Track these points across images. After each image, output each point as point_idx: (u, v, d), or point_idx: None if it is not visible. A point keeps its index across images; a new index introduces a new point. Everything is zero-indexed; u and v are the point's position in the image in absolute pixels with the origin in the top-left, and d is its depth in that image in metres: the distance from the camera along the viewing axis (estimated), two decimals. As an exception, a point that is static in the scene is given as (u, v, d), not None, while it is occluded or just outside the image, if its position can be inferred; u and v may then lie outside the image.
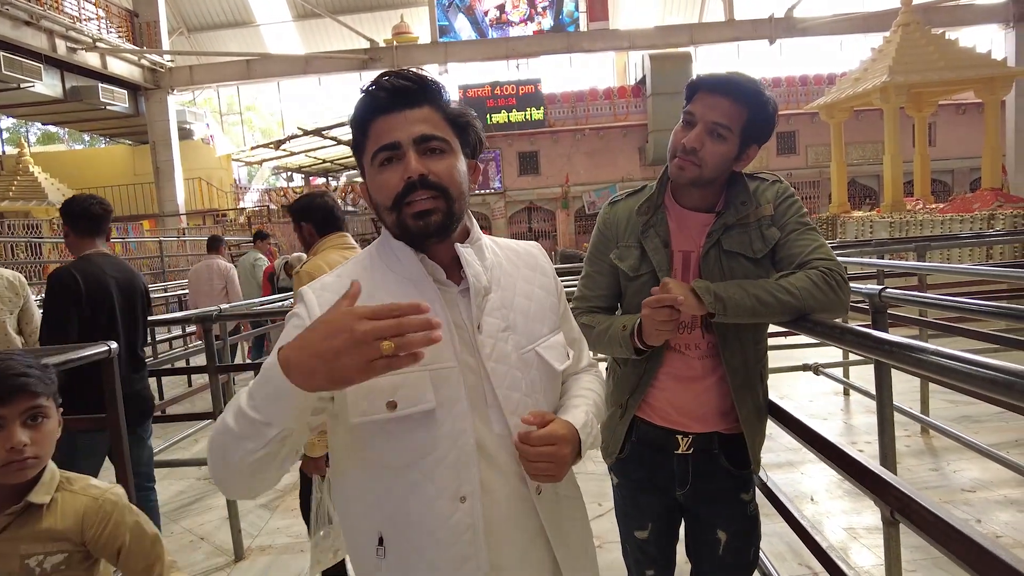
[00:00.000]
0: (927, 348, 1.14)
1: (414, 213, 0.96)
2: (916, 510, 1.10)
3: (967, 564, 0.96)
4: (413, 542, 0.96)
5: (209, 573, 3.03)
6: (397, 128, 0.96)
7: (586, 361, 1.21)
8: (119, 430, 1.97)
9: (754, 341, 1.46)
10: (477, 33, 17.60)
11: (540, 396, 1.03)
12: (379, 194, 0.99)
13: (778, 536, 2.93)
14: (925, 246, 4.31)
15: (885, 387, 1.75)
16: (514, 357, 1.01)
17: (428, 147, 0.97)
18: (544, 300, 1.10)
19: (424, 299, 0.89)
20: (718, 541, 1.51)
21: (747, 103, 1.35)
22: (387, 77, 0.98)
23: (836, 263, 1.33)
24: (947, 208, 9.85)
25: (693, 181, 1.40)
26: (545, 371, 1.05)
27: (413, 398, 0.93)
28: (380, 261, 1.04)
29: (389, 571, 0.98)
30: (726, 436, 1.49)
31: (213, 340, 3.10)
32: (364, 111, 0.99)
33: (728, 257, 1.40)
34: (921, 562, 2.66)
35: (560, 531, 1.05)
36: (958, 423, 4.03)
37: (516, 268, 1.10)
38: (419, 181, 0.94)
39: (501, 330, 1.01)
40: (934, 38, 10.40)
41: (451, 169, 0.98)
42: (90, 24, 13.77)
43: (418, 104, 0.98)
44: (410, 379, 0.93)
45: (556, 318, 1.12)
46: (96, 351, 1.89)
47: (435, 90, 0.99)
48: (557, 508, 1.05)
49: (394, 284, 1.00)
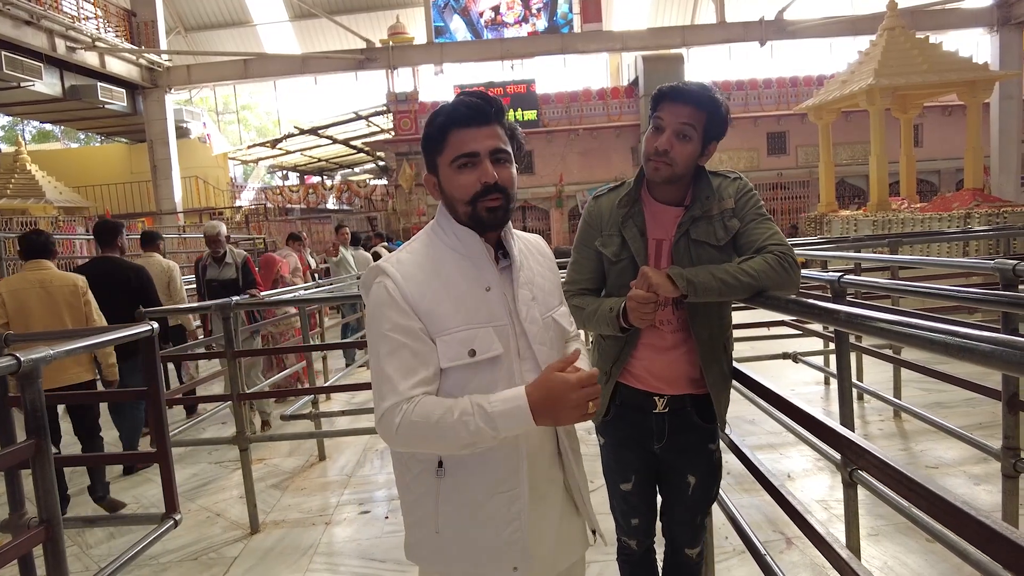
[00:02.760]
0: (870, 315, 1.34)
1: (488, 208, 1.24)
2: (870, 460, 1.24)
3: (912, 502, 1.11)
4: (469, 460, 1.24)
5: (228, 543, 3.25)
6: (476, 140, 1.23)
7: (574, 330, 1.52)
8: (160, 400, 2.19)
9: (719, 317, 1.71)
10: (472, 34, 17.80)
11: (556, 352, 1.35)
12: (457, 191, 1.26)
13: (755, 507, 3.18)
14: (898, 242, 4.59)
15: (844, 356, 1.97)
16: (540, 321, 1.31)
17: (498, 158, 1.25)
18: (552, 279, 1.41)
19: (480, 273, 1.27)
20: (688, 484, 1.77)
21: (705, 107, 1.59)
22: (470, 97, 1.25)
23: (788, 248, 1.58)
24: (928, 207, 10.13)
25: (667, 179, 1.64)
26: (560, 332, 1.38)
27: (486, 347, 1.23)
28: (440, 241, 1.31)
29: (448, 486, 1.26)
30: (696, 397, 1.74)
31: (231, 327, 3.32)
32: (448, 121, 1.25)
33: (695, 245, 1.65)
34: (884, 528, 2.91)
35: (570, 453, 1.36)
36: (928, 408, 4.29)
37: (531, 253, 1.40)
38: (494, 185, 1.23)
39: (531, 299, 1.31)
40: (918, 42, 10.68)
41: (512, 176, 1.28)
42: (89, 24, 13.88)
43: (490, 122, 1.25)
44: (481, 333, 1.23)
45: (560, 294, 1.43)
46: (141, 330, 2.11)
47: (502, 111, 1.27)
48: (569, 436, 1.37)
49: (453, 260, 1.28)
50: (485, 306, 1.25)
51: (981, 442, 2.98)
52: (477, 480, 1.25)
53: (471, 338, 1.22)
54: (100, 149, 21.92)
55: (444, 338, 1.21)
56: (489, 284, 1.27)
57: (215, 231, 5.11)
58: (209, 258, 5.20)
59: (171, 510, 2.16)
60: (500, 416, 1.13)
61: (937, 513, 1.06)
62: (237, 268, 5.14)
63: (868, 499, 2.78)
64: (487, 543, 1.25)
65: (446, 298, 1.23)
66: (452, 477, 1.25)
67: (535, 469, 1.28)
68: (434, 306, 1.22)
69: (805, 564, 2.69)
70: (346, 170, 26.70)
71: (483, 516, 1.25)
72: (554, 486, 1.34)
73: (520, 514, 1.24)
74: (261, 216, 18.41)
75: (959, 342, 0.94)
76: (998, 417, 4.14)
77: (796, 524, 1.76)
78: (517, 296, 1.28)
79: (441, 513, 1.26)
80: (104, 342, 2.06)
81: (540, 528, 1.30)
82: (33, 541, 1.58)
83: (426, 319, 1.22)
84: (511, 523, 1.24)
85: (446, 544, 1.28)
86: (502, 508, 1.24)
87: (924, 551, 2.71)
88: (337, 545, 3.18)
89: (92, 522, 3.06)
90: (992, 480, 3.33)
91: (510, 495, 1.24)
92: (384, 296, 1.23)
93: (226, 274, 5.10)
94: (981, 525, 0.82)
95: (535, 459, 1.28)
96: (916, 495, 1.13)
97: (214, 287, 5.04)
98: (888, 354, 4.02)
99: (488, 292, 1.26)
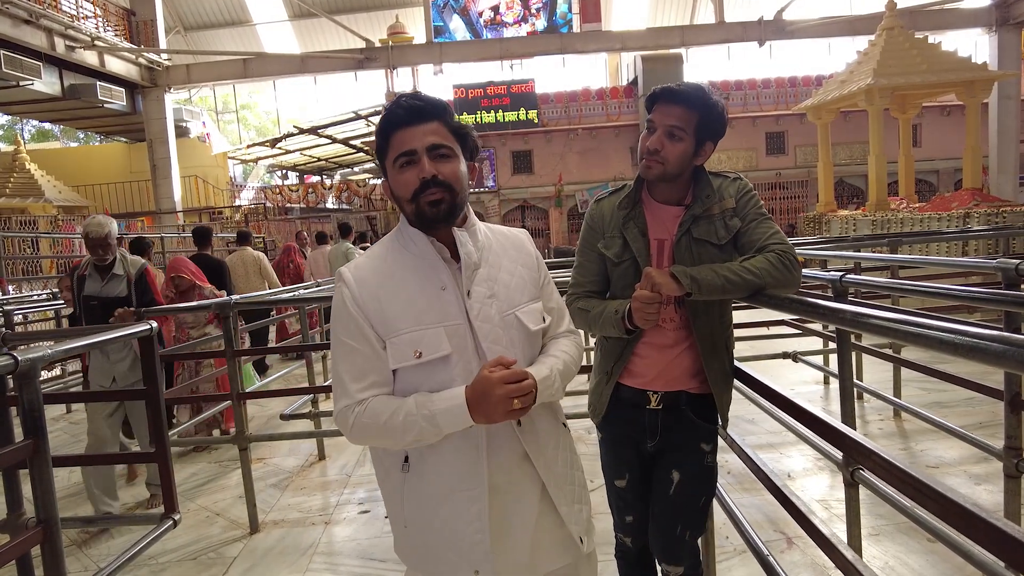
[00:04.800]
0: (876, 314, 1.32)
1: (428, 202, 1.24)
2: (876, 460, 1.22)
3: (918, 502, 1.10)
4: (431, 457, 1.26)
5: (227, 543, 3.24)
6: (413, 139, 1.24)
7: (565, 327, 1.46)
8: (158, 400, 2.18)
9: (720, 315, 1.71)
10: (472, 34, 17.79)
11: (519, 351, 1.30)
12: (400, 190, 1.27)
13: (755, 507, 3.17)
14: (897, 241, 4.59)
15: (845, 355, 1.97)
16: (496, 318, 1.29)
17: (438, 153, 1.25)
18: (525, 275, 1.38)
19: (435, 273, 1.27)
20: (671, 481, 1.73)
21: (697, 108, 1.60)
22: (405, 98, 1.27)
23: (789, 247, 1.58)
24: (927, 207, 10.13)
25: (659, 176, 1.65)
26: (522, 331, 1.32)
27: (433, 348, 1.23)
28: (398, 244, 1.33)
29: (412, 481, 1.28)
30: (694, 395, 1.73)
31: (230, 327, 3.31)
32: (386, 125, 1.27)
33: (697, 244, 1.65)
34: (884, 528, 2.91)
35: (543, 456, 1.32)
36: (928, 408, 4.29)
37: (504, 249, 1.38)
38: (432, 180, 1.23)
39: (487, 296, 1.29)
40: (917, 42, 10.69)
41: (456, 171, 1.26)
42: (88, 23, 13.87)
43: (428, 120, 1.25)
44: (429, 333, 1.24)
45: (536, 290, 1.39)
46: (140, 329, 2.10)
47: (441, 108, 1.28)
48: (537, 439, 1.32)
49: (410, 261, 1.29)
50: (438, 306, 1.26)
51: (983, 442, 2.98)
52: (438, 477, 1.26)
53: (418, 340, 1.23)
54: (99, 148, 21.91)
55: (393, 340, 1.24)
56: (444, 283, 1.27)
57: (103, 231, 3.52)
58: (90, 267, 3.63)
59: (170, 510, 2.15)
60: (441, 415, 1.18)
61: (945, 514, 1.05)
62: (129, 282, 3.65)
63: (868, 499, 2.78)
64: (449, 542, 1.26)
65: (397, 300, 1.26)
66: (415, 473, 1.28)
67: (499, 470, 1.27)
68: (384, 309, 1.25)
69: (806, 564, 2.69)
70: (345, 169, 26.67)
71: (445, 514, 1.26)
72: (527, 489, 1.30)
73: (481, 515, 1.24)
74: (261, 215, 18.40)
75: (969, 341, 0.93)
76: (998, 416, 4.15)
77: (799, 524, 1.75)
78: (470, 294, 1.27)
79: (407, 508, 1.29)
80: (104, 341, 2.06)
81: (509, 531, 1.27)
82: (31, 542, 1.57)
83: (376, 323, 1.25)
84: (472, 523, 1.24)
85: (413, 539, 1.31)
86: (462, 508, 1.25)
87: (925, 551, 2.71)
88: (337, 545, 3.17)
89: (91, 522, 3.04)
90: (993, 480, 3.32)
91: (470, 495, 1.24)
92: (339, 302, 1.28)
93: (111, 289, 3.61)
94: (990, 526, 0.81)
95: (498, 459, 1.27)
96: (923, 495, 1.12)
97: (92, 307, 3.58)
98: (888, 353, 4.02)
99: (443, 291, 1.27)
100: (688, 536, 1.76)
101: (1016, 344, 0.86)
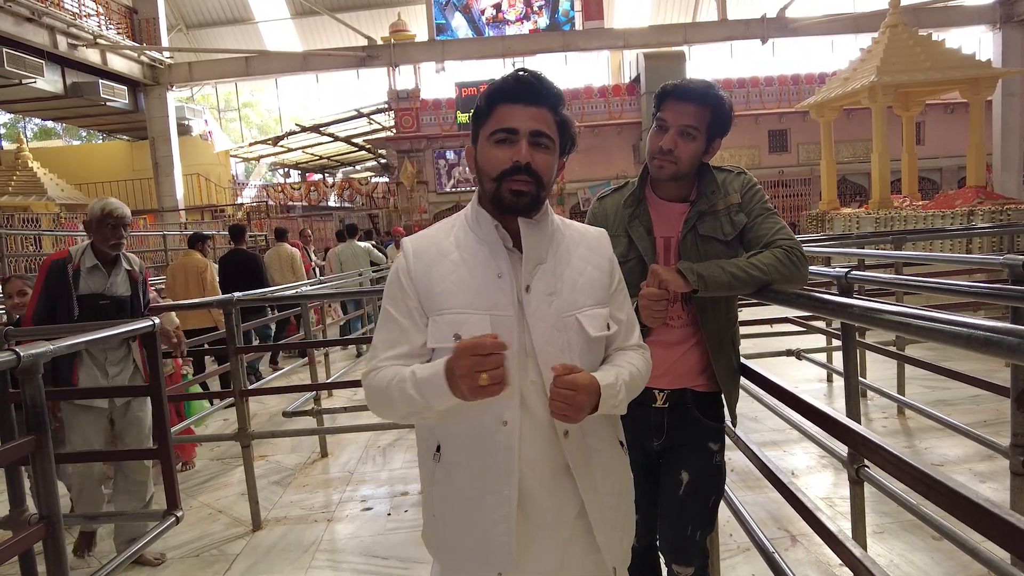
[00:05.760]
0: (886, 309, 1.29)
1: (512, 190, 1.18)
2: (887, 457, 1.23)
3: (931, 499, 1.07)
4: (461, 452, 1.22)
5: (229, 540, 3.24)
6: (519, 118, 1.18)
7: (634, 340, 1.35)
8: (162, 397, 2.18)
9: (726, 311, 1.70)
10: (474, 31, 17.76)
11: (575, 356, 1.21)
12: (487, 164, 1.21)
13: (760, 505, 3.16)
14: (902, 239, 4.57)
15: (850, 352, 1.96)
16: (553, 318, 1.20)
17: (538, 141, 1.18)
18: (595, 277, 1.28)
19: (494, 259, 1.21)
20: (680, 481, 1.71)
21: (709, 105, 1.58)
22: (525, 73, 1.19)
23: (796, 242, 1.57)
24: (930, 205, 10.10)
25: (672, 176, 1.63)
26: (581, 335, 1.22)
27: (474, 334, 1.14)
28: (466, 223, 1.28)
29: (441, 472, 1.25)
30: (699, 393, 1.71)
31: (234, 324, 3.30)
32: (496, 93, 1.20)
33: (703, 241, 1.63)
34: (889, 525, 2.90)
35: (589, 477, 1.23)
36: (932, 406, 4.27)
37: (576, 246, 1.29)
38: (525, 167, 1.17)
39: (547, 294, 1.21)
40: (921, 39, 10.64)
41: (549, 164, 1.21)
42: (90, 21, 13.86)
43: (540, 104, 1.19)
44: (473, 319, 1.17)
45: (604, 295, 1.28)
46: (143, 325, 2.10)
47: (556, 97, 1.21)
48: (585, 455, 1.23)
49: (474, 244, 1.24)
50: (490, 293, 1.19)
51: (988, 439, 2.96)
52: (466, 472, 1.21)
53: (460, 323, 1.17)
54: (102, 147, 21.93)
55: (435, 318, 1.20)
56: (501, 271, 1.21)
57: (126, 211, 3.02)
58: (87, 259, 2.97)
59: (172, 507, 2.15)
60: (423, 383, 1.12)
61: (956, 510, 1.04)
62: (135, 281, 3.11)
63: (871, 497, 2.77)
64: (475, 540, 1.22)
65: (449, 278, 1.21)
66: (445, 465, 1.24)
67: (534, 478, 1.20)
68: (433, 285, 1.21)
69: (810, 562, 2.68)
70: (348, 167, 26.67)
71: (471, 511, 1.21)
72: (563, 504, 1.23)
73: (508, 517, 1.18)
74: (263, 213, 18.40)
75: (983, 335, 0.91)
76: (1002, 414, 4.14)
77: (805, 521, 1.74)
78: (529, 288, 1.20)
79: (435, 498, 1.27)
80: (104, 337, 2.05)
81: (536, 541, 1.22)
82: (33, 538, 1.56)
83: (424, 297, 1.22)
84: (498, 524, 1.19)
85: (439, 531, 1.28)
86: (491, 508, 1.19)
87: (930, 549, 2.70)
88: (339, 542, 3.17)
89: (93, 519, 3.04)
90: (997, 477, 3.31)
91: (499, 496, 1.19)
92: (394, 270, 1.27)
93: (119, 287, 3.03)
94: (1004, 522, 0.80)
95: (535, 467, 1.20)
96: (933, 492, 1.10)
97: (103, 307, 2.95)
98: (892, 351, 4.00)
99: (499, 279, 1.20)
100: (699, 536, 1.74)
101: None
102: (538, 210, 1.23)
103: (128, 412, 3.06)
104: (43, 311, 2.90)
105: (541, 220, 1.25)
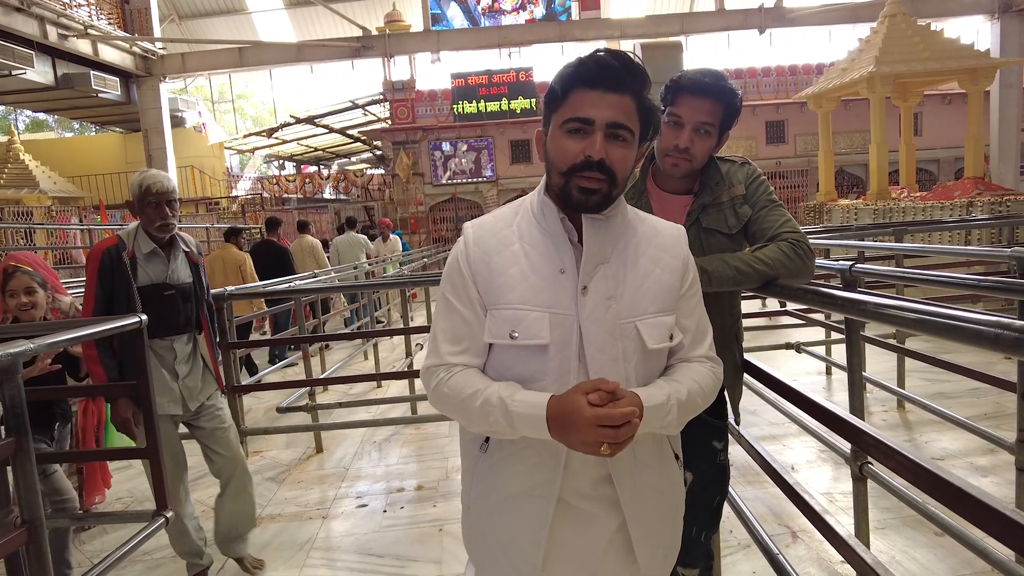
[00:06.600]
0: (900, 305, 1.26)
1: (580, 187, 1.08)
2: (897, 458, 1.22)
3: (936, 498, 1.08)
4: (509, 452, 1.16)
5: (223, 538, 3.18)
6: (596, 107, 1.06)
7: (702, 352, 1.21)
8: (149, 395, 2.12)
9: (730, 307, 1.65)
10: (469, 21, 17.62)
11: (631, 367, 1.11)
12: (557, 156, 1.10)
13: (760, 500, 3.13)
14: (903, 231, 4.53)
15: (855, 346, 1.93)
16: (609, 324, 1.10)
17: (615, 134, 1.07)
18: (664, 280, 1.16)
19: (557, 252, 1.12)
20: (684, 481, 1.67)
21: (723, 99, 1.52)
22: (606, 55, 1.07)
23: (802, 235, 1.52)
24: (929, 196, 10.07)
25: (686, 174, 1.58)
26: (638, 345, 1.11)
27: (531, 333, 1.09)
28: (530, 211, 1.18)
29: (484, 464, 1.19)
30: None
31: (226, 319, 3.25)
32: (572, 77, 1.08)
33: (706, 234, 1.58)
34: (890, 521, 2.87)
35: (633, 489, 1.14)
36: (932, 399, 4.25)
37: (647, 245, 1.18)
38: (597, 163, 1.06)
39: (605, 297, 1.10)
40: (920, 29, 10.58)
41: (626, 159, 1.09)
42: (81, 11, 13.68)
43: (622, 90, 1.06)
44: (532, 316, 1.09)
45: (671, 300, 1.16)
46: (129, 322, 2.04)
47: (641, 80, 1.08)
48: (631, 466, 1.14)
49: (537, 234, 1.15)
50: (550, 289, 1.10)
51: (992, 434, 2.93)
52: (510, 474, 1.15)
53: (518, 320, 1.09)
54: (94, 139, 21.73)
55: (493, 312, 1.12)
56: (564, 267, 1.11)
57: (170, 184, 2.57)
58: (141, 243, 2.57)
59: (162, 507, 2.10)
60: (519, 418, 1.05)
61: (963, 509, 1.01)
62: (195, 265, 2.73)
63: (872, 492, 2.73)
64: (504, 542, 1.17)
65: (509, 271, 1.12)
66: (489, 461, 1.18)
67: (573, 486, 1.13)
68: (493, 276, 1.13)
69: (812, 559, 2.65)
70: (343, 159, 26.54)
71: (506, 512, 1.16)
72: (602, 516, 1.15)
73: (541, 527, 1.13)
74: (258, 206, 18.30)
75: (1015, 336, 0.86)
76: (1003, 407, 4.13)
77: (807, 517, 1.71)
78: (586, 289, 1.10)
79: (473, 491, 1.22)
80: (91, 334, 2.00)
81: (567, 554, 1.15)
82: (15, 543, 1.52)
83: (483, 288, 1.14)
84: (528, 532, 1.13)
85: (472, 524, 1.24)
86: (525, 513, 1.14)
87: (933, 545, 2.67)
88: (334, 539, 3.13)
89: (81, 520, 2.99)
90: (999, 472, 3.28)
91: (535, 503, 1.13)
92: (453, 257, 1.18)
93: (181, 273, 2.65)
94: (1013, 523, 0.76)
95: (575, 475, 1.13)
96: (941, 492, 1.08)
97: (170, 298, 2.58)
98: (892, 343, 3.97)
99: (561, 275, 1.11)
100: (703, 538, 1.70)
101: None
102: (607, 208, 1.12)
103: (205, 413, 2.78)
104: (100, 311, 2.48)
105: (610, 216, 1.14)
